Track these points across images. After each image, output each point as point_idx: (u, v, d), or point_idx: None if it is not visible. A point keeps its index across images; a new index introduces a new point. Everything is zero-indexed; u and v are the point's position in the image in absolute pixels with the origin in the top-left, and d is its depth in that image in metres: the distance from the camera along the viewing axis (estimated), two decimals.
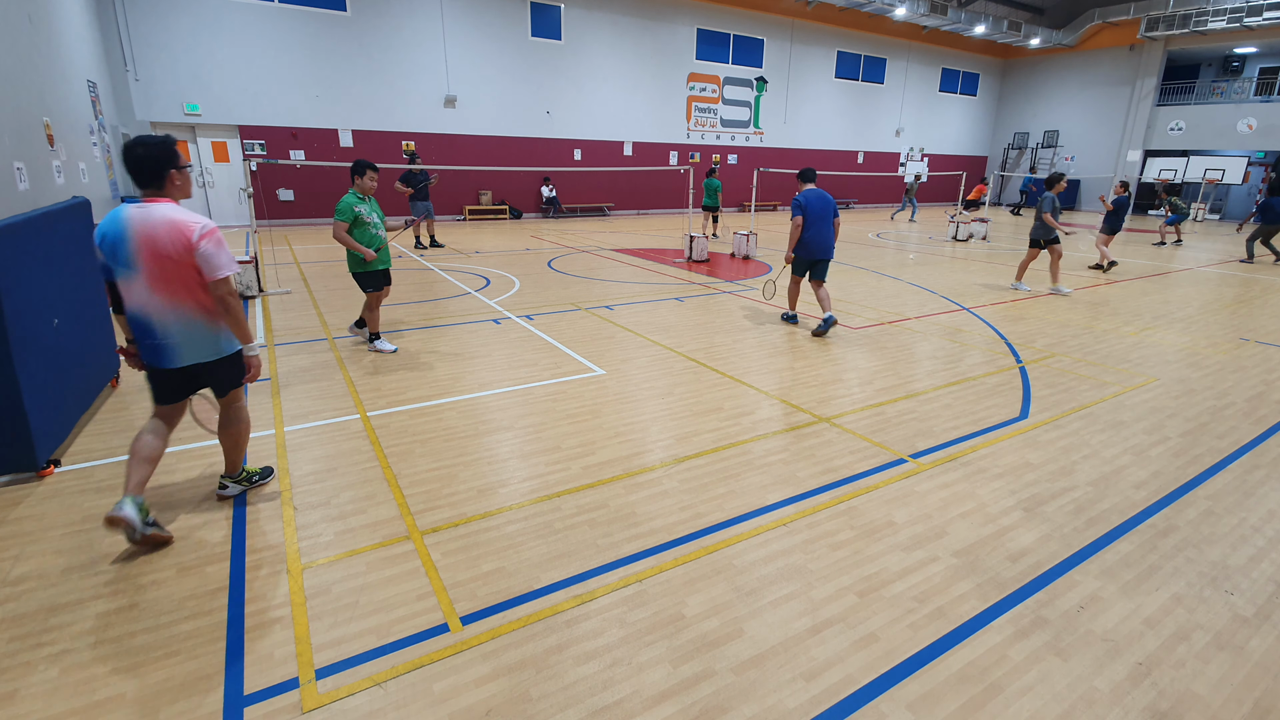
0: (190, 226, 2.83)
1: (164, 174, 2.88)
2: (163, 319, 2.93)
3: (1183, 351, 6.67)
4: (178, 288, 2.90)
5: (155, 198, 2.89)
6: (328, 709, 2.19)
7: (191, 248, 2.84)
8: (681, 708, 2.21)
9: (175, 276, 2.88)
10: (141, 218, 2.82)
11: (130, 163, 2.80)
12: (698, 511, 3.45)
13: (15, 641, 2.46)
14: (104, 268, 2.92)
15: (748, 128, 24.53)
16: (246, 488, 3.55)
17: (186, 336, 2.99)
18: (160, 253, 2.83)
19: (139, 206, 2.85)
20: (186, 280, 2.90)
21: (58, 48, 10.16)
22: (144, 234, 2.81)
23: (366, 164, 5.89)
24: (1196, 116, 25.74)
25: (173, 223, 2.82)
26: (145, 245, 2.81)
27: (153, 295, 2.89)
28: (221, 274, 2.91)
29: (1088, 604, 2.77)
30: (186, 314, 2.95)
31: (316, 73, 16.71)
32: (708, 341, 6.71)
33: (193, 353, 3.03)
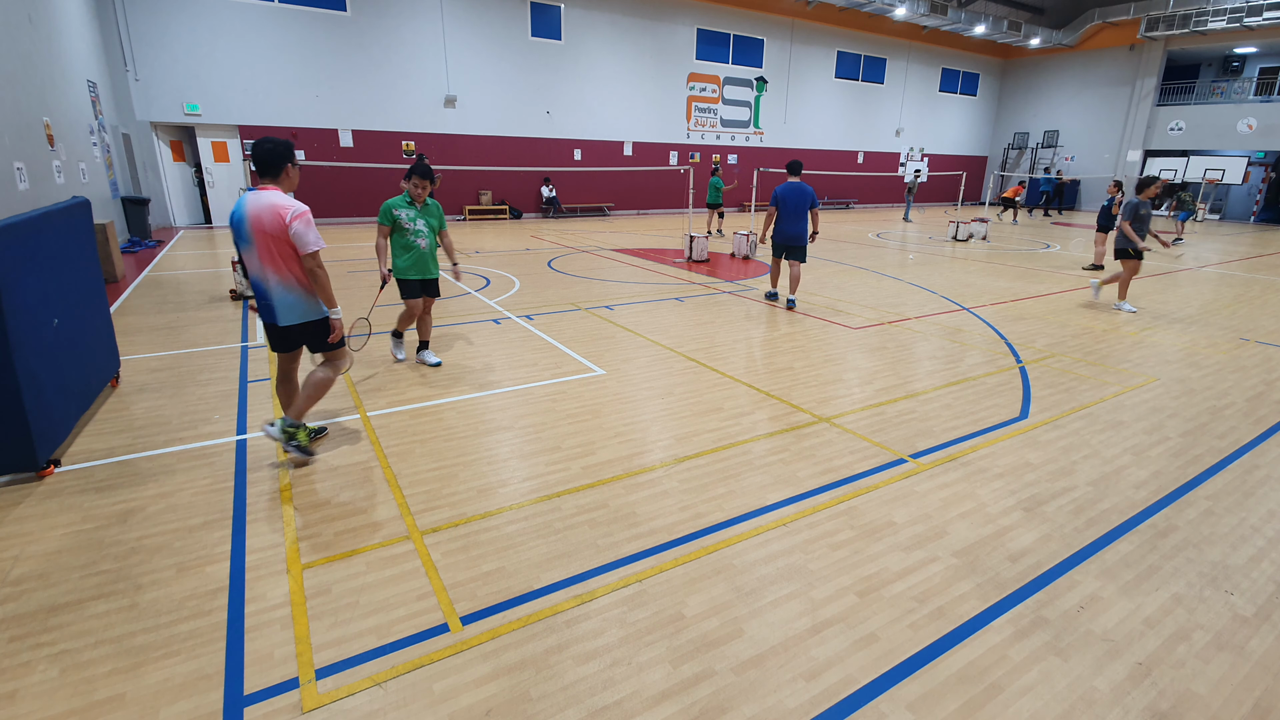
0: (285, 209, 3.46)
1: (281, 167, 3.55)
2: (269, 284, 3.61)
3: (1183, 351, 6.67)
4: (278, 259, 3.56)
5: (269, 186, 3.55)
6: (328, 709, 2.19)
7: (286, 227, 3.47)
8: (681, 708, 2.21)
9: (276, 250, 3.53)
10: (254, 201, 3.48)
11: (257, 156, 3.48)
12: (698, 511, 3.45)
13: (15, 641, 2.46)
14: (235, 241, 3.62)
15: (748, 128, 24.54)
16: (284, 440, 3.83)
17: (285, 300, 3.64)
18: (265, 230, 3.48)
19: (254, 193, 3.51)
20: (285, 253, 3.55)
21: (58, 48, 10.17)
22: (255, 215, 3.47)
23: (419, 170, 5.23)
24: (1196, 116, 25.74)
25: (274, 206, 3.46)
26: (255, 224, 3.48)
27: (262, 265, 3.57)
28: (309, 249, 3.54)
29: (1088, 604, 2.77)
30: (285, 281, 3.61)
31: (316, 73, 16.71)
32: (708, 341, 6.71)
33: (289, 315, 3.68)
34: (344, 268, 10.83)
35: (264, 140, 3.51)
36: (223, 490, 3.60)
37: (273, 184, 3.56)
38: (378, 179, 18.03)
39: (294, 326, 3.72)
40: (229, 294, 8.44)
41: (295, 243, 3.51)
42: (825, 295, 9.15)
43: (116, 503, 3.45)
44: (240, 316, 7.44)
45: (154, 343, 6.38)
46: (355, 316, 6.61)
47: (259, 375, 5.48)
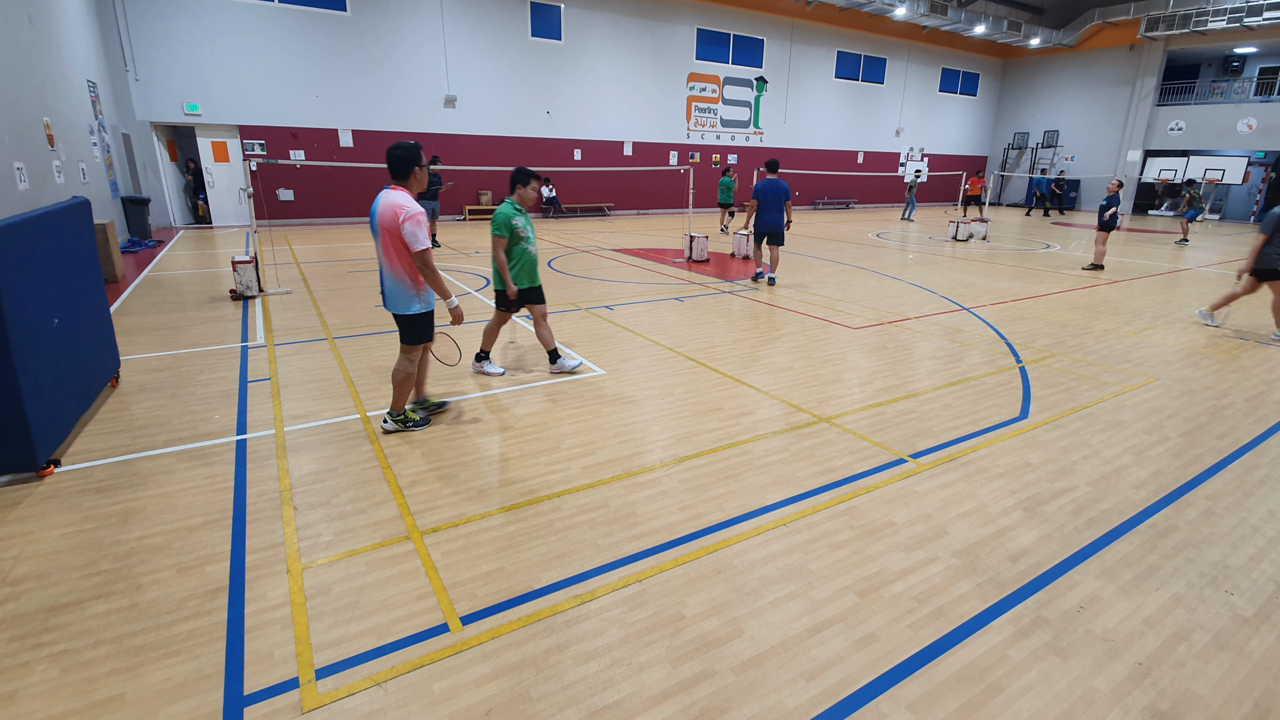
0: (402, 209, 3.82)
1: (410, 170, 3.90)
2: (384, 274, 4.07)
3: (1183, 351, 6.67)
4: (391, 252, 3.94)
5: (398, 187, 3.92)
6: (328, 709, 2.19)
7: (400, 225, 3.82)
8: (681, 708, 2.21)
9: (391, 244, 3.91)
10: (383, 200, 3.87)
11: (390, 160, 3.86)
12: (698, 511, 3.44)
13: (15, 641, 2.46)
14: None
15: (748, 128, 24.53)
16: (400, 429, 4.37)
17: (391, 290, 4.06)
18: (385, 226, 3.87)
19: (385, 192, 3.90)
20: (398, 248, 3.91)
21: (58, 48, 10.16)
22: (380, 212, 3.87)
23: (530, 173, 5.11)
24: (1196, 116, 25.74)
25: (394, 205, 3.82)
26: (380, 220, 3.88)
27: (383, 257, 4.00)
28: (418, 247, 3.88)
29: (1088, 604, 2.77)
30: (394, 273, 4.00)
31: (316, 73, 16.70)
32: (708, 341, 6.71)
33: (393, 304, 4.11)
34: (344, 268, 10.83)
35: (396, 146, 3.85)
36: (223, 490, 3.60)
37: (402, 185, 3.94)
38: (378, 179, 18.03)
39: (395, 316, 4.17)
40: (229, 294, 8.44)
41: (406, 241, 3.86)
42: (825, 295, 9.15)
43: (116, 503, 3.45)
44: (240, 316, 7.44)
45: (154, 343, 6.38)
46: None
47: (259, 375, 5.47)
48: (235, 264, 8.29)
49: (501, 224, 5.05)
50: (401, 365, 4.25)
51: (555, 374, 5.55)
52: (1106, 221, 11.49)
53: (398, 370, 4.26)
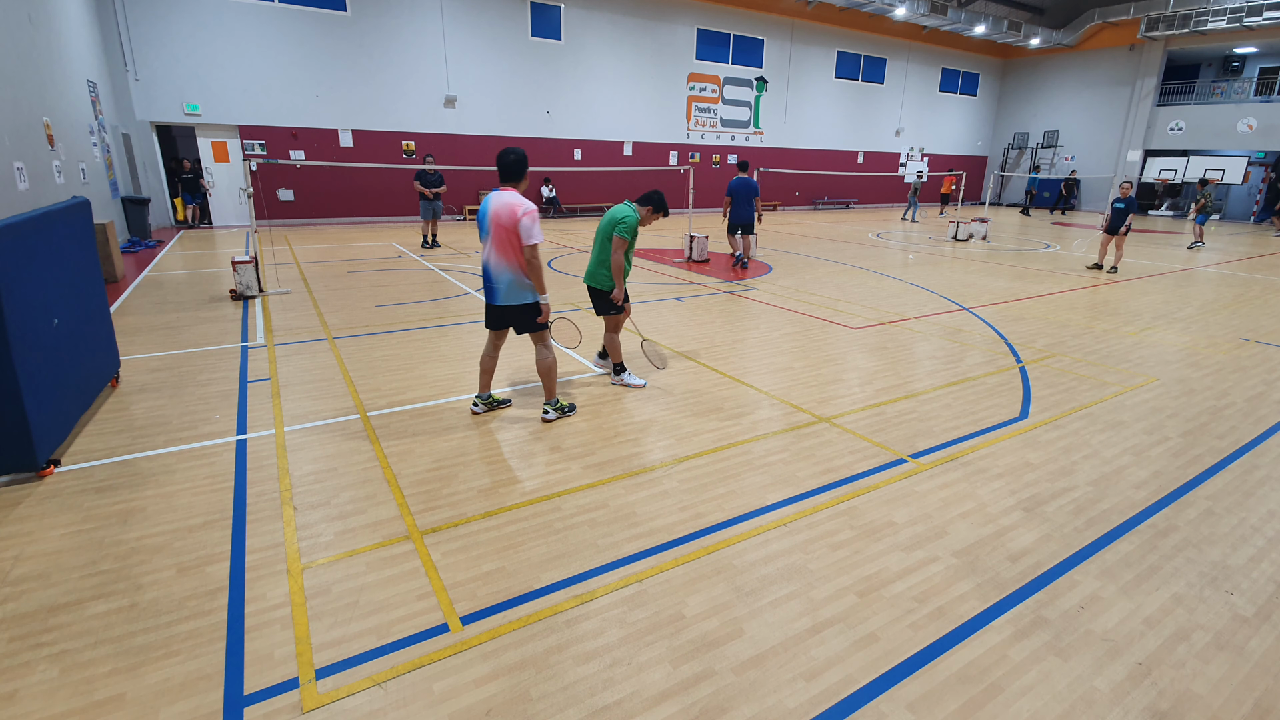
0: (518, 206, 4.08)
1: (522, 174, 4.18)
2: (494, 269, 4.24)
3: (1183, 351, 6.67)
4: (506, 247, 4.16)
5: (509, 188, 4.18)
6: (328, 709, 2.19)
7: (517, 221, 4.07)
8: (681, 708, 2.21)
9: (507, 239, 4.13)
10: (497, 200, 4.15)
11: (505, 164, 4.14)
12: (698, 511, 3.44)
13: (15, 641, 2.46)
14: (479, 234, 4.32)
15: (748, 128, 24.53)
16: (558, 415, 4.63)
17: (504, 282, 4.25)
18: (501, 223, 4.11)
19: (497, 193, 4.18)
20: (513, 243, 4.14)
21: (58, 48, 10.17)
22: (495, 211, 4.12)
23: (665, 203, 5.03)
24: (1196, 116, 25.74)
25: (510, 204, 4.10)
26: (495, 218, 4.13)
27: (495, 252, 4.19)
28: (532, 241, 4.10)
29: (1088, 604, 2.77)
30: (509, 267, 4.21)
31: (316, 73, 16.70)
32: (708, 341, 6.71)
33: (507, 296, 4.29)
34: (344, 268, 10.83)
35: (508, 151, 4.13)
36: (223, 490, 3.60)
37: (513, 187, 4.19)
38: (378, 179, 18.03)
39: (507, 307, 4.33)
40: (229, 294, 8.44)
41: (521, 234, 4.08)
42: (825, 295, 9.15)
43: (116, 503, 3.45)
44: (240, 316, 7.44)
45: (154, 343, 6.38)
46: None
47: (259, 375, 5.48)
48: (235, 264, 8.29)
49: (632, 227, 4.90)
50: (542, 354, 4.51)
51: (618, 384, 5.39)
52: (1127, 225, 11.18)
53: (542, 360, 4.52)
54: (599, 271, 5.13)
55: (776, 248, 14.28)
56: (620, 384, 5.38)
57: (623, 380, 5.37)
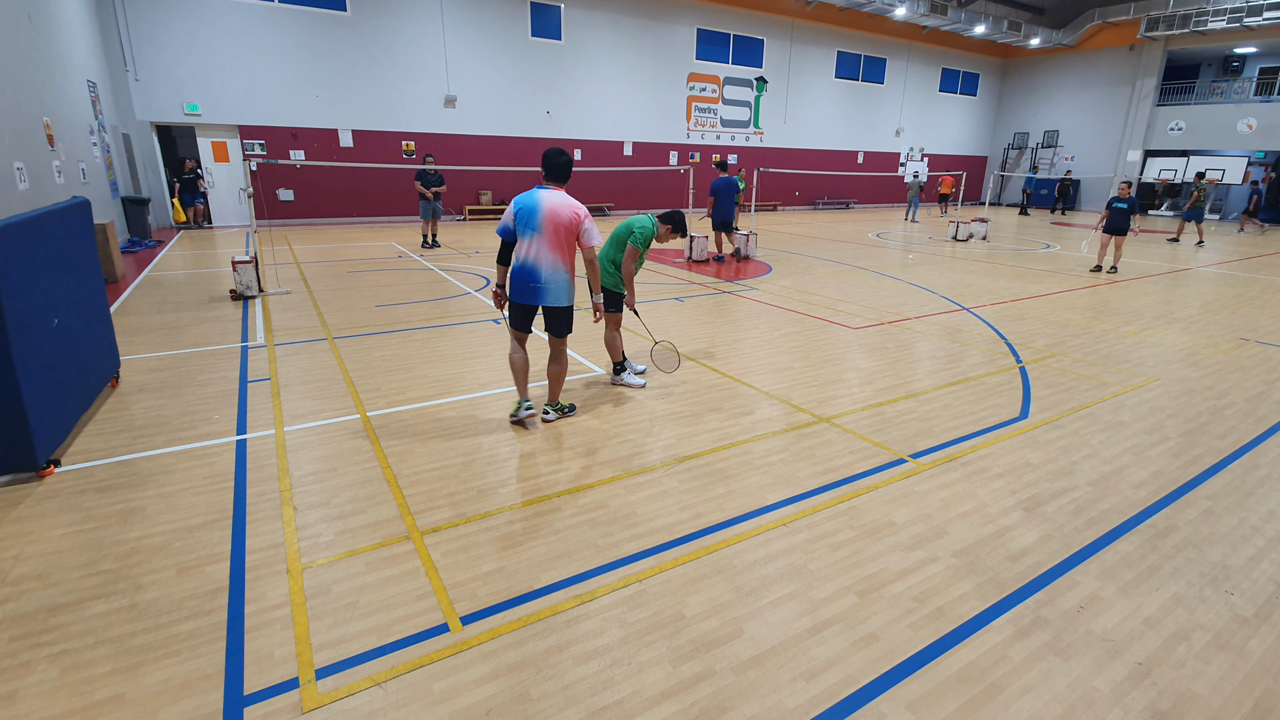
0: (579, 208, 4.15)
1: (569, 174, 4.22)
2: (544, 269, 4.16)
3: (1183, 351, 6.67)
4: (563, 248, 4.17)
5: (559, 187, 4.19)
6: (328, 709, 2.19)
7: (579, 221, 4.13)
8: (681, 708, 2.21)
9: (565, 240, 4.14)
10: (551, 197, 4.11)
11: (555, 164, 4.15)
12: (698, 511, 3.44)
13: (15, 641, 2.46)
14: (506, 230, 4.21)
15: (748, 128, 24.52)
16: (559, 416, 4.61)
17: (556, 283, 4.21)
18: (560, 222, 4.09)
19: (548, 191, 4.13)
20: (570, 243, 4.19)
21: (58, 48, 10.17)
22: (552, 209, 4.08)
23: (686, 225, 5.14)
24: (1196, 116, 25.73)
25: (570, 204, 4.13)
26: (551, 216, 4.08)
27: (549, 251, 4.13)
28: (594, 242, 4.22)
29: (1088, 604, 2.77)
30: (563, 268, 4.21)
31: (316, 73, 16.70)
32: (708, 341, 6.71)
33: (556, 298, 4.24)
34: (344, 268, 10.83)
35: (559, 153, 4.15)
36: (223, 490, 3.60)
37: (561, 186, 4.19)
38: (378, 179, 18.03)
39: (549, 308, 4.30)
40: (229, 294, 8.44)
41: (583, 237, 4.16)
42: (825, 295, 9.15)
43: (116, 503, 3.45)
44: (240, 316, 7.44)
45: (154, 343, 6.38)
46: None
47: (259, 375, 5.48)
48: (235, 264, 8.29)
49: (649, 239, 5.01)
50: (562, 358, 4.50)
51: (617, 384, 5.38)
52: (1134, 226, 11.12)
53: (560, 363, 4.50)
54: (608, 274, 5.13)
55: (777, 248, 14.28)
56: (620, 384, 5.37)
57: (622, 380, 5.37)
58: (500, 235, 4.25)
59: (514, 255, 4.26)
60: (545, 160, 4.16)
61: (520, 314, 4.37)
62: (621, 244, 5.08)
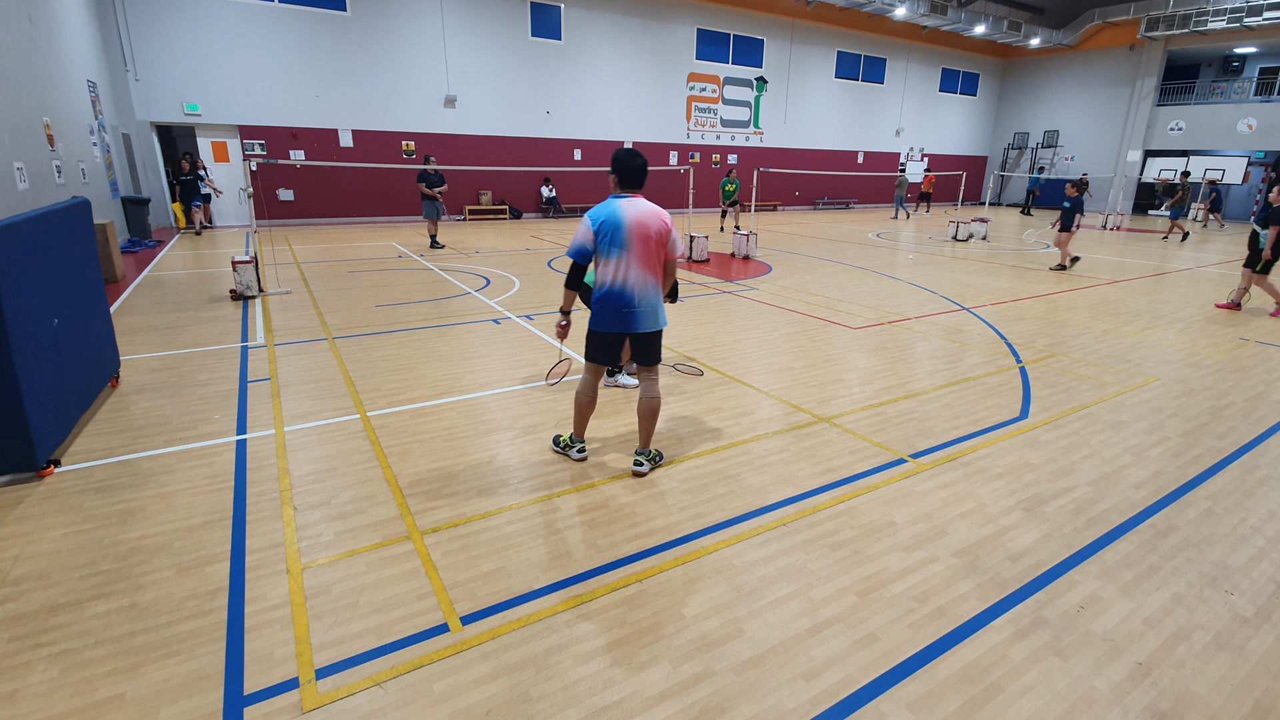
0: (665, 215, 3.62)
1: (645, 179, 3.63)
2: (636, 291, 3.56)
3: (1183, 351, 6.67)
4: (655, 264, 3.60)
5: (637, 194, 3.60)
6: (328, 709, 2.19)
7: (669, 230, 3.61)
8: (681, 708, 2.21)
9: (656, 254, 3.59)
10: (636, 208, 3.53)
11: (632, 169, 3.55)
12: (698, 511, 3.44)
13: (15, 641, 2.46)
14: (583, 251, 3.52)
15: (748, 128, 24.52)
16: (653, 467, 3.86)
17: (650, 305, 3.62)
18: (650, 235, 3.53)
19: (630, 200, 3.54)
20: (661, 257, 3.63)
21: (58, 48, 10.17)
22: (640, 221, 3.50)
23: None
24: (1196, 116, 25.73)
25: (658, 213, 3.58)
26: (640, 230, 3.50)
27: (640, 270, 3.54)
28: (679, 252, 3.74)
29: (1088, 604, 2.77)
30: (652, 287, 3.62)
31: (316, 73, 16.70)
32: (708, 341, 6.71)
33: (652, 321, 3.64)
34: (344, 268, 10.83)
35: (634, 155, 3.56)
36: (223, 490, 3.59)
37: (639, 193, 3.63)
38: (378, 179, 18.03)
39: (643, 335, 3.65)
40: (229, 294, 8.44)
41: (670, 248, 3.67)
42: (825, 295, 9.15)
43: (116, 503, 3.45)
44: (240, 316, 7.44)
45: (154, 343, 6.38)
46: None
47: (259, 375, 5.48)
48: (235, 264, 8.29)
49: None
50: (656, 389, 3.81)
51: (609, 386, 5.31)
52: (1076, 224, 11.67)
53: (656, 397, 3.80)
54: None
55: (777, 248, 14.27)
56: (614, 385, 5.37)
57: (617, 381, 5.36)
58: (573, 257, 3.53)
59: (598, 279, 3.62)
60: (616, 164, 3.54)
61: (608, 345, 3.70)
62: None
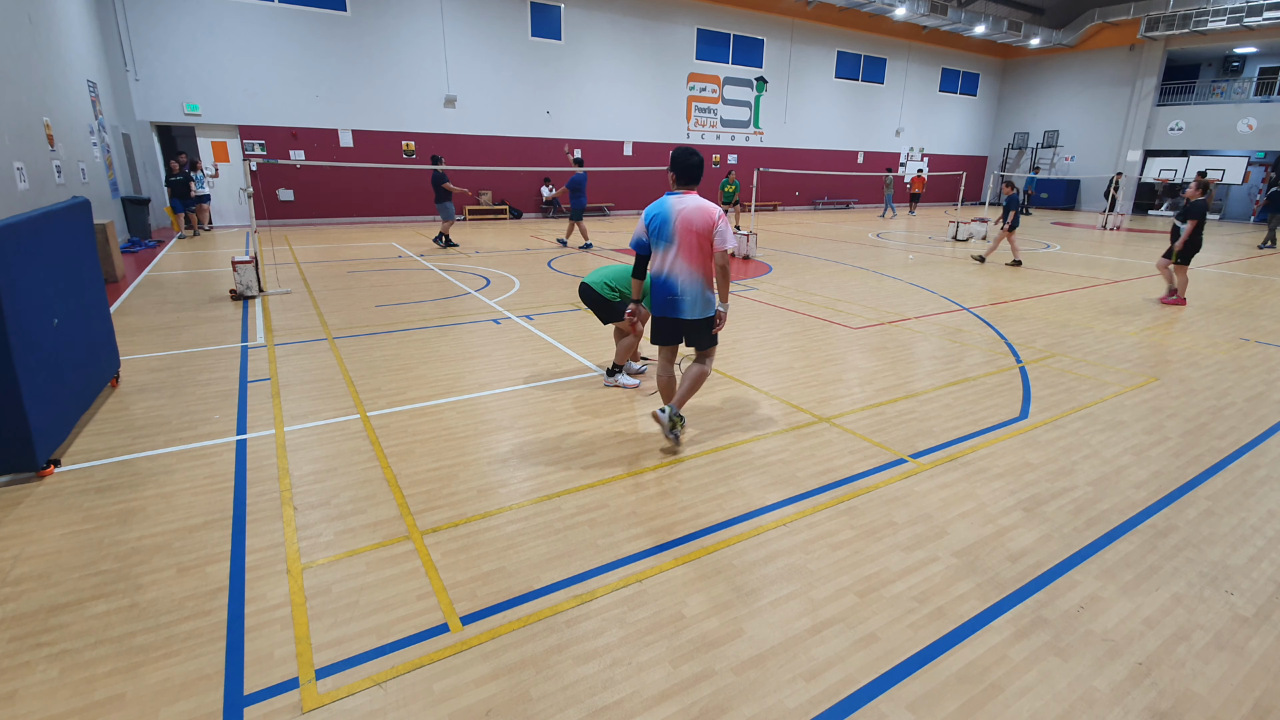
0: (713, 210, 3.83)
1: (700, 176, 3.92)
2: (681, 280, 3.88)
3: (1183, 351, 6.67)
4: (698, 255, 3.85)
5: (689, 191, 3.90)
6: (328, 709, 2.19)
7: (713, 225, 3.80)
8: (681, 708, 2.21)
9: (700, 246, 3.83)
10: (682, 203, 3.84)
11: (686, 166, 3.86)
12: (698, 511, 3.44)
13: (15, 641, 2.46)
14: (639, 243, 4.01)
15: (748, 128, 24.52)
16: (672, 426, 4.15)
17: (693, 295, 3.91)
18: (694, 229, 3.80)
19: (678, 196, 3.87)
20: (705, 249, 3.86)
21: (58, 48, 10.17)
22: (685, 215, 3.81)
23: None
24: (1196, 116, 25.73)
25: (703, 208, 3.83)
26: (685, 224, 3.81)
27: (685, 262, 3.85)
28: (728, 246, 3.85)
29: (1088, 604, 2.77)
30: (700, 276, 3.88)
31: (316, 73, 16.70)
32: None
33: (693, 310, 3.94)
34: (344, 268, 10.83)
35: (691, 154, 3.86)
36: (223, 490, 3.60)
37: (692, 189, 3.93)
38: (378, 179, 18.03)
39: (690, 321, 4.00)
40: (229, 294, 8.44)
41: (716, 240, 3.83)
42: (825, 295, 9.15)
43: (116, 503, 3.45)
44: (240, 316, 7.44)
45: (154, 343, 6.38)
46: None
47: (259, 375, 5.48)
48: (235, 264, 8.29)
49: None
50: (704, 368, 4.17)
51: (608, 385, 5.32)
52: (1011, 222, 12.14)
53: (703, 373, 4.17)
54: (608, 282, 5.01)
55: (776, 247, 14.27)
56: (614, 385, 5.36)
57: (617, 381, 5.36)
58: (634, 249, 4.05)
59: (650, 268, 4.03)
60: (675, 161, 3.87)
61: (663, 329, 4.10)
62: None
